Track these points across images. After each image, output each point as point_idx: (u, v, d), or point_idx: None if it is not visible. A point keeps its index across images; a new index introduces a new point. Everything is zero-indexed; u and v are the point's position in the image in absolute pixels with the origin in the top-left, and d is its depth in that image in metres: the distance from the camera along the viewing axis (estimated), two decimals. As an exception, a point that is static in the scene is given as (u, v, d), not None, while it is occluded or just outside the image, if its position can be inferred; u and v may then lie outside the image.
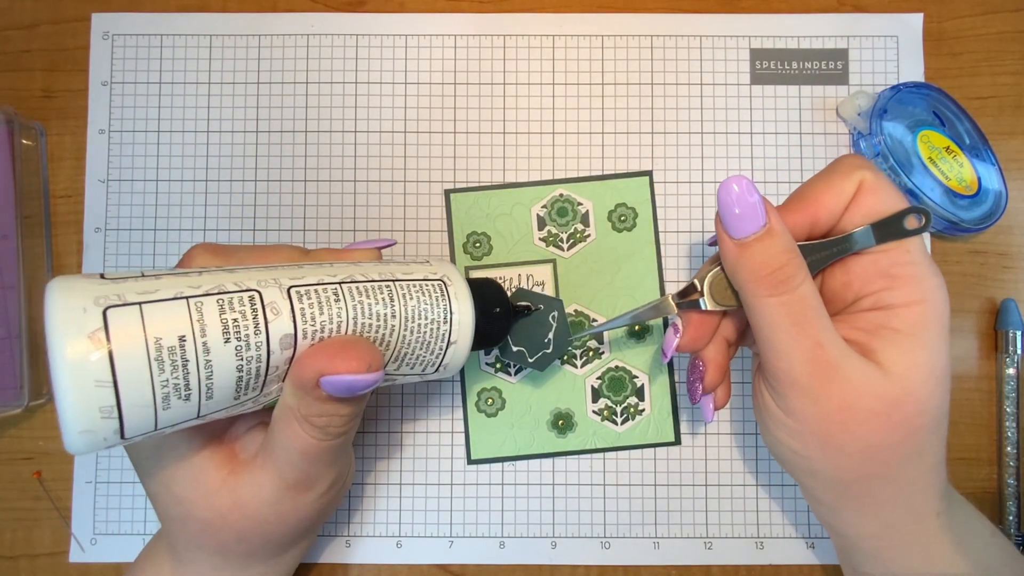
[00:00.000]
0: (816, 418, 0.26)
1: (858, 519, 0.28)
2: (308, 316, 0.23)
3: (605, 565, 0.35)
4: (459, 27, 0.37)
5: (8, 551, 0.36)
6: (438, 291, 0.27)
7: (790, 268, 0.25)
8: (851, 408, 0.25)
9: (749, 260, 0.25)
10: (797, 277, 0.25)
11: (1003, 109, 0.37)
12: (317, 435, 0.25)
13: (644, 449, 0.36)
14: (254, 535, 0.27)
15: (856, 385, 0.25)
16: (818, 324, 0.25)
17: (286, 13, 0.38)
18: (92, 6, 0.38)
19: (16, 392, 0.35)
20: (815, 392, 0.25)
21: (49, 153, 0.37)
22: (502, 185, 0.37)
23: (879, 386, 0.25)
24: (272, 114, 0.37)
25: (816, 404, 0.25)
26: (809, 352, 0.25)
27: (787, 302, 0.25)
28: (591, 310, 0.36)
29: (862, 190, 0.26)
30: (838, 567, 0.35)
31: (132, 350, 0.20)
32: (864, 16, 0.37)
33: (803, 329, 0.25)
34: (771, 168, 0.37)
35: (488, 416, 0.36)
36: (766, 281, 0.25)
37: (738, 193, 0.25)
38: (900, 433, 0.25)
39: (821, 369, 0.25)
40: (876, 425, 0.25)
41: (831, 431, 0.26)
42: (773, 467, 0.36)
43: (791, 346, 0.25)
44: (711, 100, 0.37)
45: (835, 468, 0.26)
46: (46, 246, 0.37)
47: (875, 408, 0.25)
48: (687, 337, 0.29)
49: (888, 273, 0.26)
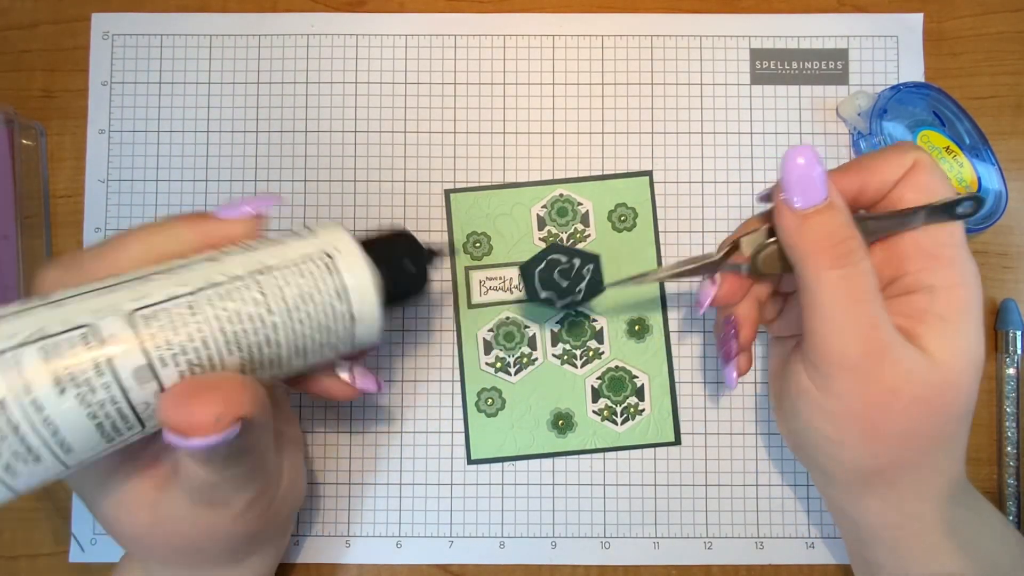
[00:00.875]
0: (861, 400, 0.25)
1: (881, 507, 0.27)
2: (161, 342, 0.20)
3: (605, 565, 0.35)
4: (459, 27, 0.37)
5: (8, 551, 0.36)
6: (323, 268, 0.23)
7: (853, 242, 0.24)
8: (897, 392, 0.25)
9: (811, 231, 0.25)
10: (858, 252, 0.24)
11: (1003, 109, 0.37)
12: (202, 471, 0.23)
13: (644, 449, 0.36)
14: (188, 548, 0.26)
15: (905, 369, 0.25)
16: (875, 304, 0.25)
17: (286, 13, 0.38)
18: (92, 6, 0.38)
19: (16, 392, 0.35)
20: (865, 373, 0.25)
21: (49, 153, 0.37)
22: (502, 185, 0.37)
23: (926, 372, 0.25)
24: (272, 114, 0.37)
25: (864, 385, 0.25)
26: (865, 331, 0.24)
27: (847, 276, 0.24)
28: (591, 310, 0.36)
29: (917, 168, 0.26)
30: (837, 567, 0.35)
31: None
32: (864, 16, 0.37)
33: (861, 307, 0.24)
34: (771, 168, 0.37)
35: (488, 416, 0.36)
36: (828, 253, 0.24)
37: (804, 165, 0.24)
38: (939, 420, 0.26)
39: (874, 350, 0.25)
40: (918, 411, 0.25)
41: (873, 415, 0.25)
42: (773, 467, 0.36)
43: (848, 323, 0.24)
44: (711, 100, 0.37)
45: (868, 454, 0.26)
46: (46, 246, 0.37)
47: (920, 394, 0.25)
48: (724, 290, 0.28)
49: (932, 253, 0.26)
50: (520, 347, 0.36)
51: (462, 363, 0.36)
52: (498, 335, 0.36)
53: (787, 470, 0.36)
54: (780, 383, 0.29)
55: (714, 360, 0.36)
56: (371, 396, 0.36)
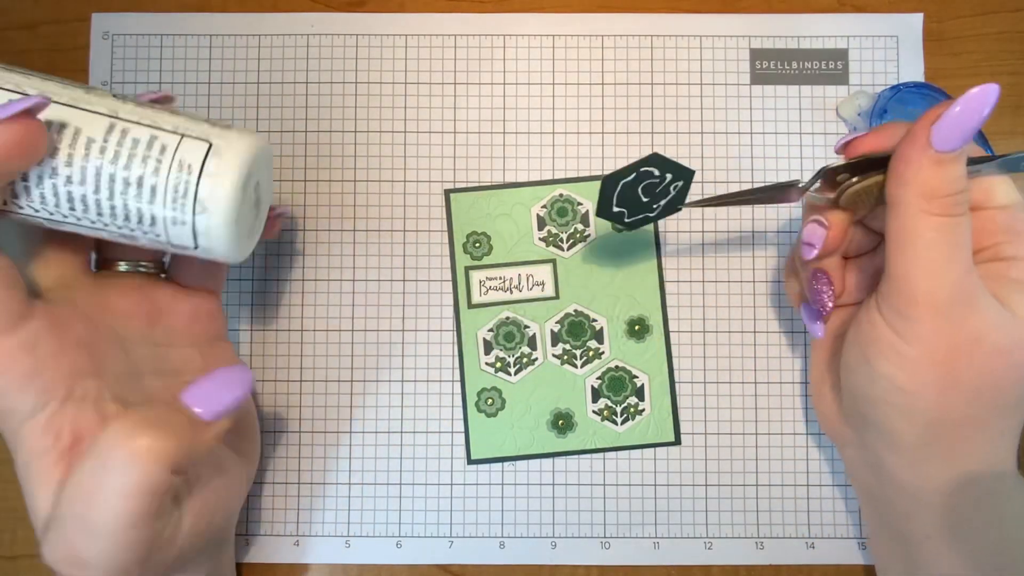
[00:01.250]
0: (946, 345, 0.25)
1: (941, 470, 0.27)
2: None
3: (605, 565, 0.35)
4: (459, 27, 0.37)
5: (8, 551, 0.36)
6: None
7: (964, 195, 0.25)
8: (981, 340, 0.25)
9: (938, 175, 0.24)
10: (965, 204, 0.25)
11: (1003, 109, 0.37)
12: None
13: (644, 449, 0.36)
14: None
15: (990, 318, 0.25)
16: (970, 253, 0.25)
17: (286, 13, 0.38)
18: (92, 6, 0.38)
19: (16, 392, 0.35)
20: (954, 317, 0.25)
21: (49, 153, 0.37)
22: (502, 185, 0.37)
23: (1009, 324, 0.25)
24: (272, 114, 0.37)
25: (951, 329, 0.25)
26: (960, 276, 0.25)
27: (954, 224, 0.24)
28: (591, 310, 0.36)
29: None
30: (838, 567, 0.35)
31: None
32: (864, 16, 0.37)
33: (960, 252, 0.25)
34: (771, 168, 0.37)
35: (488, 416, 0.36)
36: (943, 201, 0.24)
37: (960, 113, 0.24)
38: (1015, 375, 0.26)
39: (964, 295, 0.25)
40: (998, 363, 0.25)
41: (955, 360, 0.25)
42: (773, 467, 0.36)
43: (945, 266, 0.25)
44: (711, 100, 0.37)
45: (942, 407, 0.26)
46: (46, 246, 0.37)
47: (1002, 345, 0.25)
48: (833, 232, 0.28)
49: (1012, 228, 0.26)
50: (520, 347, 0.36)
51: (462, 363, 0.36)
52: (498, 335, 0.36)
53: (787, 470, 0.36)
54: (857, 333, 0.28)
55: (714, 360, 0.36)
56: (371, 396, 0.36)
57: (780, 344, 0.36)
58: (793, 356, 0.36)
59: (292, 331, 0.36)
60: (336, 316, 0.36)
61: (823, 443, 0.36)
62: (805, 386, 0.36)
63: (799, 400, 0.36)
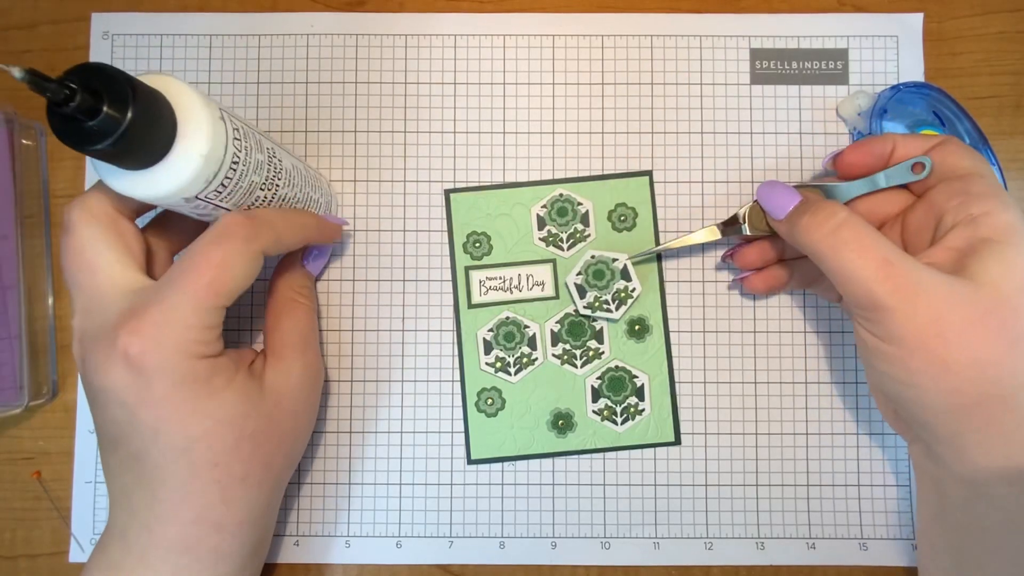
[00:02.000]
0: (913, 335, 0.26)
1: (983, 453, 0.26)
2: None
3: (605, 565, 0.35)
4: (459, 27, 0.37)
5: (8, 551, 0.36)
6: None
7: (829, 208, 0.28)
8: (943, 319, 0.25)
9: (797, 221, 0.29)
10: (839, 213, 0.28)
11: (1003, 109, 0.37)
12: None
13: (644, 449, 0.36)
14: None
15: (941, 295, 0.25)
16: (878, 243, 0.26)
17: (286, 13, 0.38)
18: (92, 6, 0.38)
19: (16, 392, 0.35)
20: (902, 308, 0.26)
21: (49, 153, 0.37)
22: (502, 185, 0.37)
23: (967, 294, 0.25)
24: (272, 114, 0.37)
25: (908, 320, 0.26)
26: (880, 270, 0.26)
27: (834, 229, 0.27)
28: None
29: (947, 140, 0.29)
30: (838, 568, 0.35)
31: None
32: (864, 16, 0.37)
33: (865, 249, 0.26)
34: (771, 168, 0.37)
35: (488, 416, 0.36)
36: (816, 228, 0.28)
37: (777, 191, 0.31)
38: (1002, 343, 0.25)
39: (899, 284, 0.26)
40: (974, 335, 0.25)
41: (931, 345, 0.25)
42: (773, 467, 0.36)
43: (859, 267, 0.26)
44: (711, 100, 0.37)
45: (947, 391, 0.26)
46: (46, 246, 0.37)
47: (969, 316, 0.25)
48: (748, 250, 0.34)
49: (966, 191, 0.27)
50: (520, 347, 0.36)
51: (462, 363, 0.36)
52: (498, 335, 0.36)
53: (787, 470, 0.36)
54: (857, 348, 0.30)
55: (714, 360, 0.36)
56: (371, 396, 0.36)
57: (780, 344, 0.36)
58: (793, 356, 0.36)
59: (292, 331, 0.36)
60: (336, 316, 0.36)
61: (823, 443, 0.36)
62: (805, 386, 0.36)
63: (799, 400, 0.36)
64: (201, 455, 0.27)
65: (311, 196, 0.33)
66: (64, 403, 0.36)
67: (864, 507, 0.36)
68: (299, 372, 0.31)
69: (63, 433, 0.36)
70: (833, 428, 0.36)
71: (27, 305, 0.35)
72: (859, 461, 0.36)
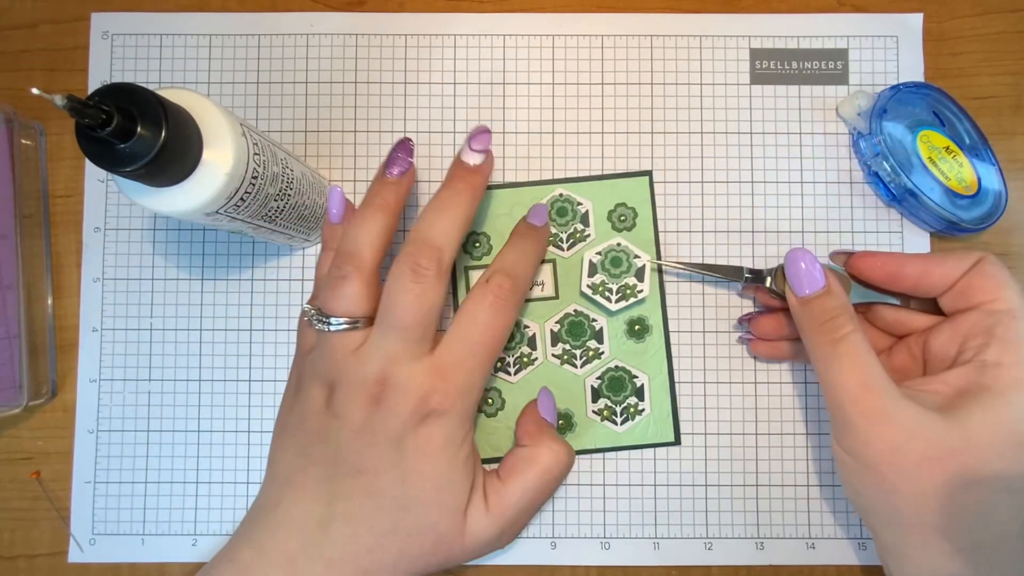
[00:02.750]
0: (870, 457, 0.27)
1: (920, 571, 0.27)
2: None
3: (605, 565, 0.35)
4: (459, 27, 0.37)
5: (7, 551, 0.36)
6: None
7: (842, 318, 0.29)
8: (900, 450, 0.26)
9: (810, 311, 0.29)
10: (846, 327, 0.28)
11: (1003, 109, 0.37)
12: None
13: (644, 449, 0.36)
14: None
15: (906, 428, 0.26)
16: (866, 368, 0.27)
17: (286, 13, 0.38)
18: (92, 6, 0.38)
19: (15, 392, 0.35)
20: (864, 431, 0.27)
21: (49, 153, 0.37)
22: (502, 185, 0.37)
23: (934, 431, 0.26)
24: (272, 114, 0.37)
25: (866, 444, 0.27)
26: (856, 391, 0.27)
27: (834, 342, 0.28)
28: (591, 310, 0.36)
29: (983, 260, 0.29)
30: (838, 568, 0.35)
31: None
32: (864, 16, 0.37)
33: (851, 369, 0.28)
34: (771, 168, 0.37)
35: (488, 416, 0.36)
36: (822, 327, 0.29)
37: (805, 268, 0.30)
38: (955, 483, 0.26)
39: (870, 408, 0.27)
40: (928, 470, 0.26)
41: (883, 472, 0.27)
42: (773, 467, 0.36)
43: (840, 383, 0.28)
44: (711, 100, 0.37)
45: (890, 509, 0.27)
46: (45, 246, 0.37)
47: (928, 453, 0.26)
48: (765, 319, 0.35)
49: (991, 332, 0.28)
50: (520, 347, 0.36)
51: (462, 363, 0.36)
52: (498, 335, 0.36)
53: (787, 470, 0.36)
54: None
55: (714, 360, 0.36)
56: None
57: (780, 344, 0.36)
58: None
59: (292, 331, 0.36)
60: (336, 316, 0.36)
61: (823, 443, 0.36)
62: (805, 386, 0.36)
63: (799, 400, 0.36)
64: (415, 520, 0.28)
65: (317, 201, 0.33)
66: (63, 403, 0.36)
67: (864, 507, 0.36)
68: (495, 534, 0.29)
69: (62, 433, 0.36)
70: (833, 428, 0.36)
71: (26, 305, 0.35)
72: (859, 461, 0.36)
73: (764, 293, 0.34)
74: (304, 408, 0.29)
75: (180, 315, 0.37)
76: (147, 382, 0.36)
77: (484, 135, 0.31)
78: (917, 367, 0.32)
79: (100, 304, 0.37)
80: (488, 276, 0.30)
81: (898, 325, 0.33)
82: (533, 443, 0.32)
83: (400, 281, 0.28)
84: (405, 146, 0.31)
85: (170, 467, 0.36)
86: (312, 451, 0.28)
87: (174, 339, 0.36)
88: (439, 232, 0.29)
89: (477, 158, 0.31)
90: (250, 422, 0.36)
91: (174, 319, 0.36)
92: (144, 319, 0.36)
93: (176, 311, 0.37)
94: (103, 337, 0.36)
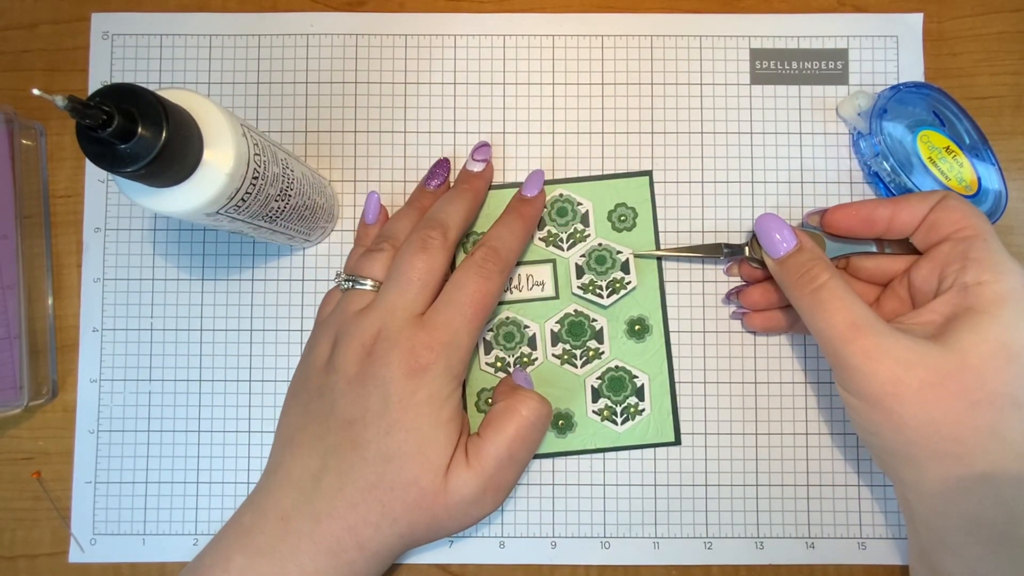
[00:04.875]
0: (873, 393, 0.27)
1: (942, 502, 0.27)
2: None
3: (605, 565, 0.35)
4: (459, 27, 0.37)
5: (7, 551, 0.36)
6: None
7: (817, 267, 0.30)
8: (900, 381, 0.26)
9: (786, 268, 0.31)
10: (823, 275, 0.29)
11: (1003, 109, 0.37)
12: None
13: (644, 449, 0.36)
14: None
15: (902, 358, 0.27)
16: (849, 308, 0.28)
17: (286, 13, 0.38)
18: (92, 6, 0.38)
19: (16, 392, 0.35)
20: (862, 369, 0.27)
21: (49, 153, 0.37)
22: (502, 185, 0.37)
23: (930, 357, 0.26)
24: (272, 114, 0.37)
25: (868, 380, 0.27)
26: (846, 331, 0.28)
27: (814, 291, 0.29)
28: (591, 310, 0.36)
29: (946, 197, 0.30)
30: (838, 567, 0.35)
31: None
32: (864, 16, 0.37)
33: (836, 312, 0.28)
34: (771, 168, 0.37)
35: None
36: (800, 279, 0.30)
37: (775, 229, 0.31)
38: (960, 405, 0.26)
39: (863, 347, 0.27)
40: (931, 395, 0.26)
41: (887, 403, 0.27)
42: (773, 467, 0.36)
43: (829, 327, 0.28)
44: (711, 100, 0.37)
45: (904, 443, 0.27)
46: (46, 246, 0.37)
47: (928, 379, 0.26)
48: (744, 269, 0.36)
49: (965, 255, 0.28)
50: (520, 347, 0.36)
51: (462, 363, 0.36)
52: (498, 335, 0.36)
53: (787, 470, 0.36)
54: None
55: (714, 360, 0.36)
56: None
57: (780, 344, 0.36)
58: (793, 356, 0.36)
59: (292, 331, 0.36)
60: (336, 316, 0.36)
61: (823, 443, 0.36)
62: (805, 386, 0.36)
63: (799, 400, 0.36)
64: (397, 473, 0.28)
65: (317, 201, 0.33)
66: (64, 403, 0.36)
67: (863, 507, 0.36)
68: (477, 490, 0.29)
69: (63, 433, 0.36)
70: (833, 428, 0.36)
71: (27, 305, 0.35)
72: (858, 461, 0.36)
73: (747, 267, 0.35)
74: (308, 367, 0.31)
75: (180, 315, 0.37)
76: (147, 382, 0.36)
77: (484, 148, 0.35)
78: (907, 309, 0.32)
79: (100, 304, 0.37)
80: (476, 249, 0.32)
81: (879, 272, 0.33)
82: (509, 398, 0.32)
83: (409, 247, 0.31)
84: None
85: (170, 467, 0.36)
86: (312, 408, 0.30)
87: (174, 339, 0.36)
88: (446, 214, 0.32)
89: (479, 166, 0.35)
90: (250, 422, 0.36)
91: (174, 319, 0.37)
92: (144, 319, 0.37)
93: (176, 311, 0.37)
94: (103, 337, 0.36)
